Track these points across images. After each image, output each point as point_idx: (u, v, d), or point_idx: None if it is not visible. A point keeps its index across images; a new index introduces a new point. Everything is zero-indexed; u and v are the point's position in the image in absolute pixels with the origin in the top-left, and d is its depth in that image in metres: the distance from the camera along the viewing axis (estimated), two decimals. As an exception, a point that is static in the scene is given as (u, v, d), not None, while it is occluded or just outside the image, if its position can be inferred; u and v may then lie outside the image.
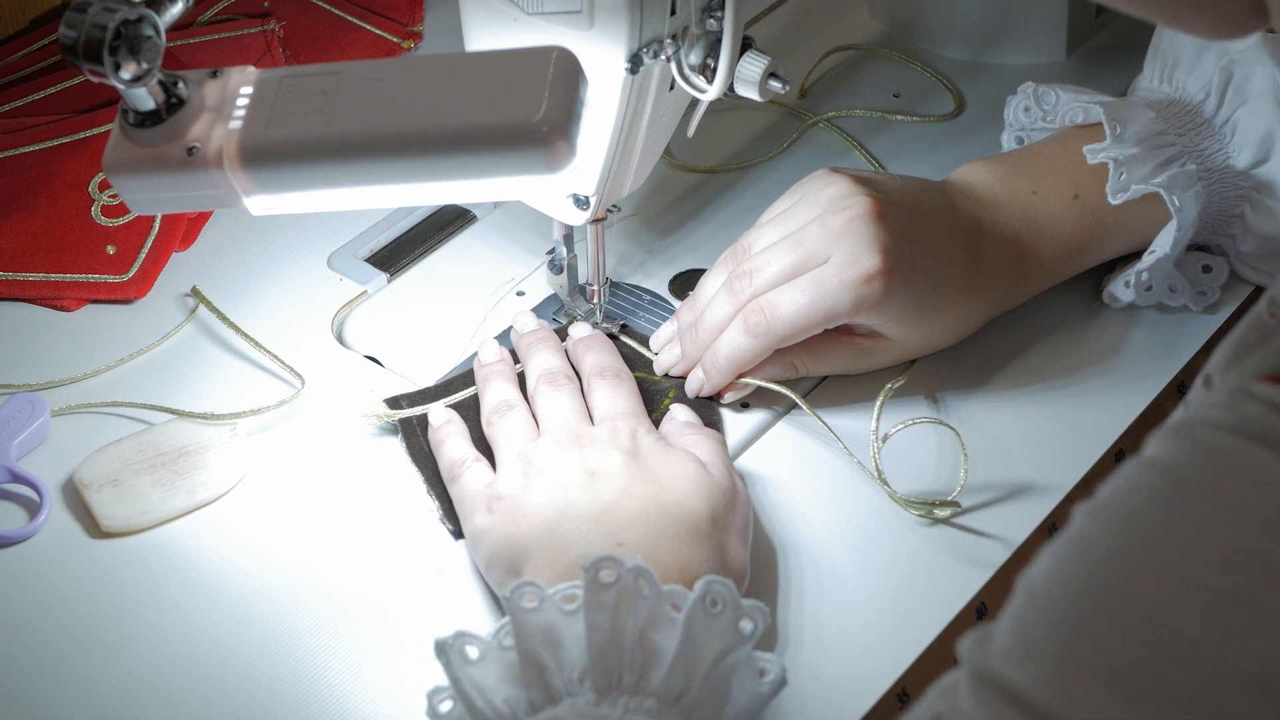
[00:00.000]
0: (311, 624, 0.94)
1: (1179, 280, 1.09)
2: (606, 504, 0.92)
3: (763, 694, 0.83)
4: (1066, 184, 1.08)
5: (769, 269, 1.02)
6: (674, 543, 0.90)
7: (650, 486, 0.93)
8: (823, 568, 0.97)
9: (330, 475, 1.02)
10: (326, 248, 1.17)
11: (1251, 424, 0.60)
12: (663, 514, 0.91)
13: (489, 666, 0.83)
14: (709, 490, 0.93)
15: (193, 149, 0.85)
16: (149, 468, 1.01)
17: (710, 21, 0.95)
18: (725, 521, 0.93)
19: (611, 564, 0.82)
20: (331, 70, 0.86)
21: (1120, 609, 0.59)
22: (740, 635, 0.82)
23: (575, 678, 0.82)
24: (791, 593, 0.95)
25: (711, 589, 0.82)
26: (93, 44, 0.81)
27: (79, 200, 1.16)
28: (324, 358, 1.09)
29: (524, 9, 0.95)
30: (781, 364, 1.04)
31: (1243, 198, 1.08)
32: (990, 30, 1.31)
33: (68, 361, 1.09)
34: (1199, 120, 1.09)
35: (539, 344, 1.05)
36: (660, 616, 0.83)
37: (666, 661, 0.81)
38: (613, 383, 1.01)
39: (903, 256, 1.01)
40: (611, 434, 0.96)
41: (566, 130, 0.81)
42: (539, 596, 0.83)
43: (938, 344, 1.06)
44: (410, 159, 0.83)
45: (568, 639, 0.82)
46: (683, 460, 0.95)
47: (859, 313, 1.01)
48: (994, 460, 1.02)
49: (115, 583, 0.97)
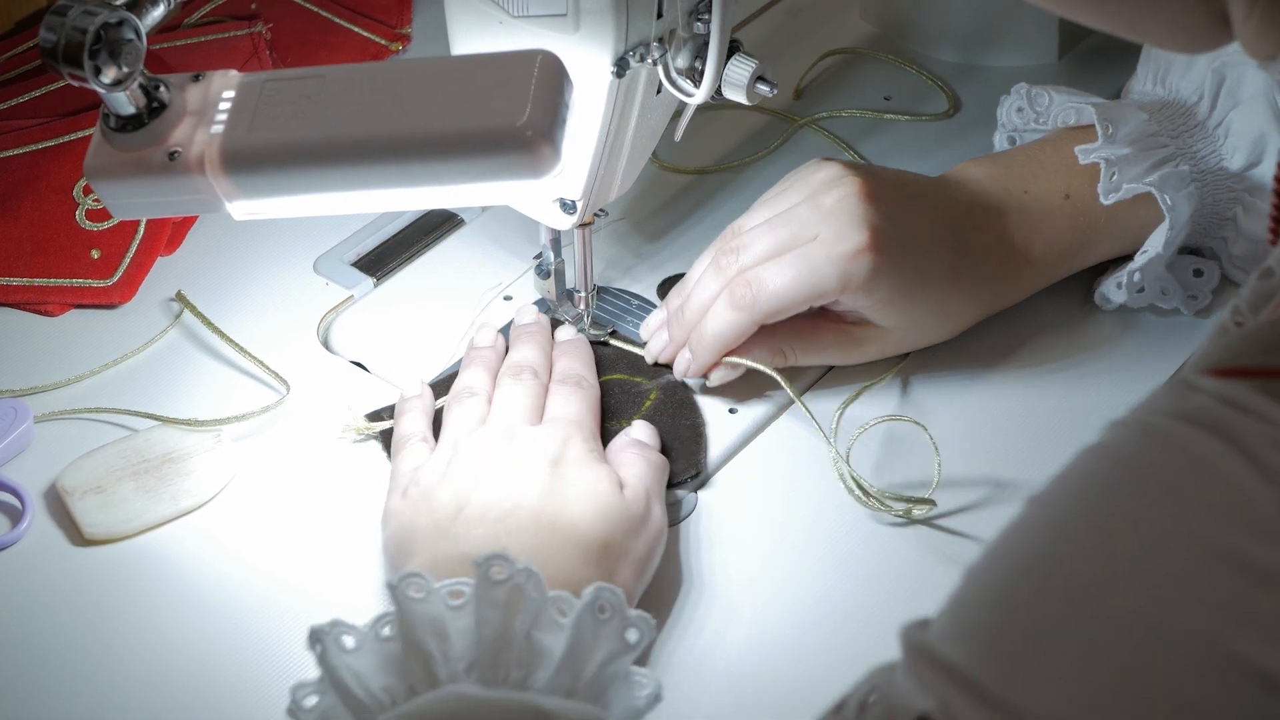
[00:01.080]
0: (296, 632, 0.93)
1: (1171, 283, 1.08)
2: (504, 510, 0.91)
3: (638, 708, 0.82)
4: (1058, 184, 1.07)
5: (756, 245, 1.02)
6: (559, 556, 0.90)
7: (553, 499, 0.92)
8: (805, 567, 0.96)
9: (315, 482, 1.02)
10: (313, 252, 1.16)
11: (1199, 414, 0.60)
12: (553, 530, 0.91)
13: (366, 656, 0.82)
14: (611, 515, 0.92)
15: (174, 154, 0.84)
16: (132, 474, 1.00)
17: (697, 24, 0.94)
18: (621, 549, 0.92)
19: (503, 562, 0.82)
20: (315, 74, 0.86)
21: (1058, 588, 0.59)
22: (626, 644, 0.82)
23: (461, 670, 0.81)
24: (773, 593, 0.95)
25: (601, 596, 0.82)
26: (72, 48, 0.81)
27: (63, 204, 1.16)
28: (310, 363, 1.09)
29: (509, 12, 0.94)
30: (770, 350, 1.04)
31: (1235, 200, 1.08)
32: (982, 32, 1.31)
33: (51, 367, 1.08)
34: (1192, 122, 1.08)
35: (527, 337, 1.05)
36: (547, 619, 0.82)
37: (554, 662, 0.81)
38: (570, 390, 1.01)
39: (890, 238, 1.01)
40: (545, 437, 0.96)
41: (551, 135, 0.80)
42: (425, 589, 0.82)
43: (926, 337, 1.06)
44: (394, 164, 0.83)
45: (453, 633, 0.82)
46: (600, 479, 0.94)
47: (846, 290, 1.01)
48: (983, 460, 1.01)
49: (98, 591, 0.96)
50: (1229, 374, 0.61)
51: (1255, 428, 0.59)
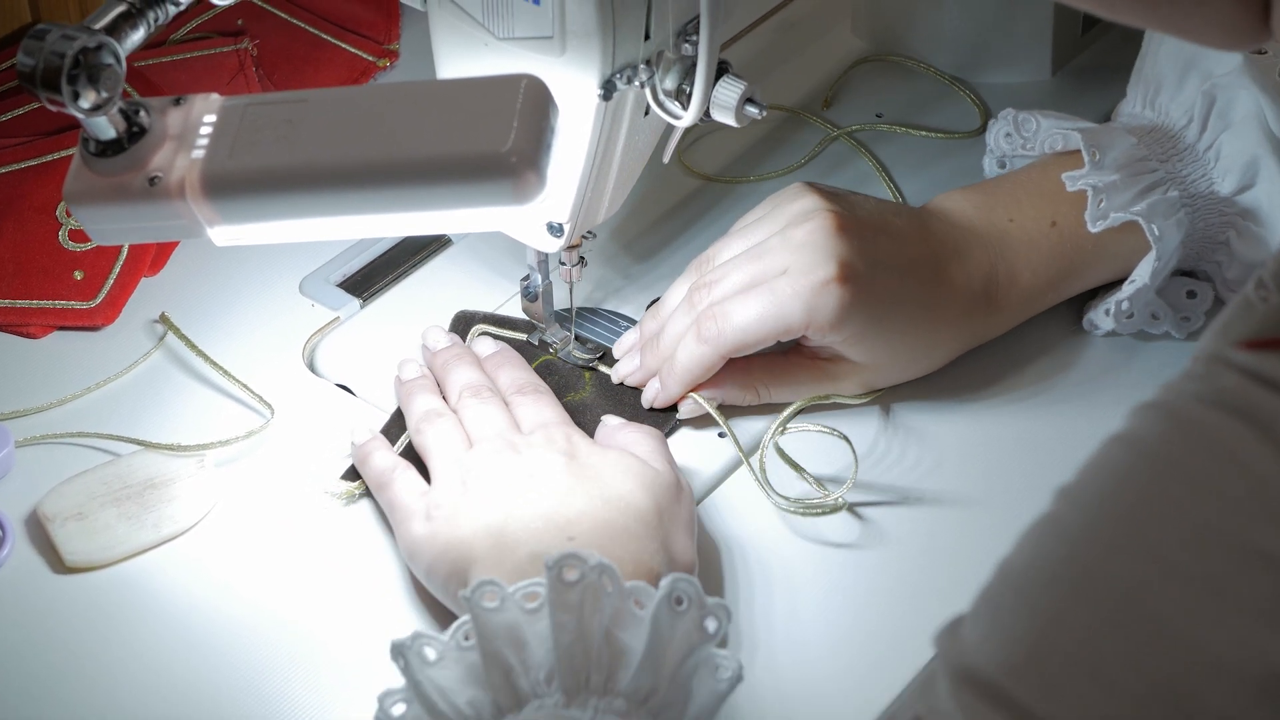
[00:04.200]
0: (279, 661, 0.93)
1: (1161, 307, 1.07)
2: (552, 502, 0.91)
3: (721, 691, 0.82)
4: (1044, 211, 1.06)
5: (727, 280, 1.02)
6: (624, 536, 0.89)
7: (594, 484, 0.92)
8: (802, 583, 0.96)
9: (300, 508, 1.01)
10: (298, 273, 1.15)
11: (1227, 395, 0.59)
12: (609, 508, 0.91)
13: (449, 668, 0.81)
14: (652, 484, 0.93)
15: (154, 179, 0.83)
16: (114, 500, 0.99)
17: (685, 46, 0.93)
18: (671, 515, 0.93)
19: (575, 561, 0.81)
20: (297, 98, 0.84)
21: (1094, 592, 0.59)
22: (705, 633, 0.81)
23: (542, 678, 0.80)
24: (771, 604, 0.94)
25: (677, 587, 0.81)
26: (50, 72, 0.79)
27: (46, 224, 1.14)
28: (295, 386, 1.08)
29: (495, 34, 0.93)
30: (743, 387, 1.03)
31: (1228, 224, 1.06)
32: (974, 49, 1.30)
33: (33, 390, 1.07)
34: (1181, 146, 1.07)
35: (455, 360, 1.04)
36: (625, 614, 0.82)
37: (634, 661, 0.80)
38: (534, 397, 1.01)
39: (860, 271, 1.00)
40: (547, 439, 0.96)
41: (536, 161, 0.79)
42: (499, 595, 0.81)
43: (905, 372, 1.05)
44: (376, 189, 0.82)
45: (531, 639, 0.81)
46: (622, 457, 0.95)
47: (813, 324, 1.00)
48: (974, 480, 1.01)
49: (79, 619, 0.95)
50: (1261, 346, 0.60)
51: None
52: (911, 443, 1.03)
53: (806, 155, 1.23)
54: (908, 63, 1.31)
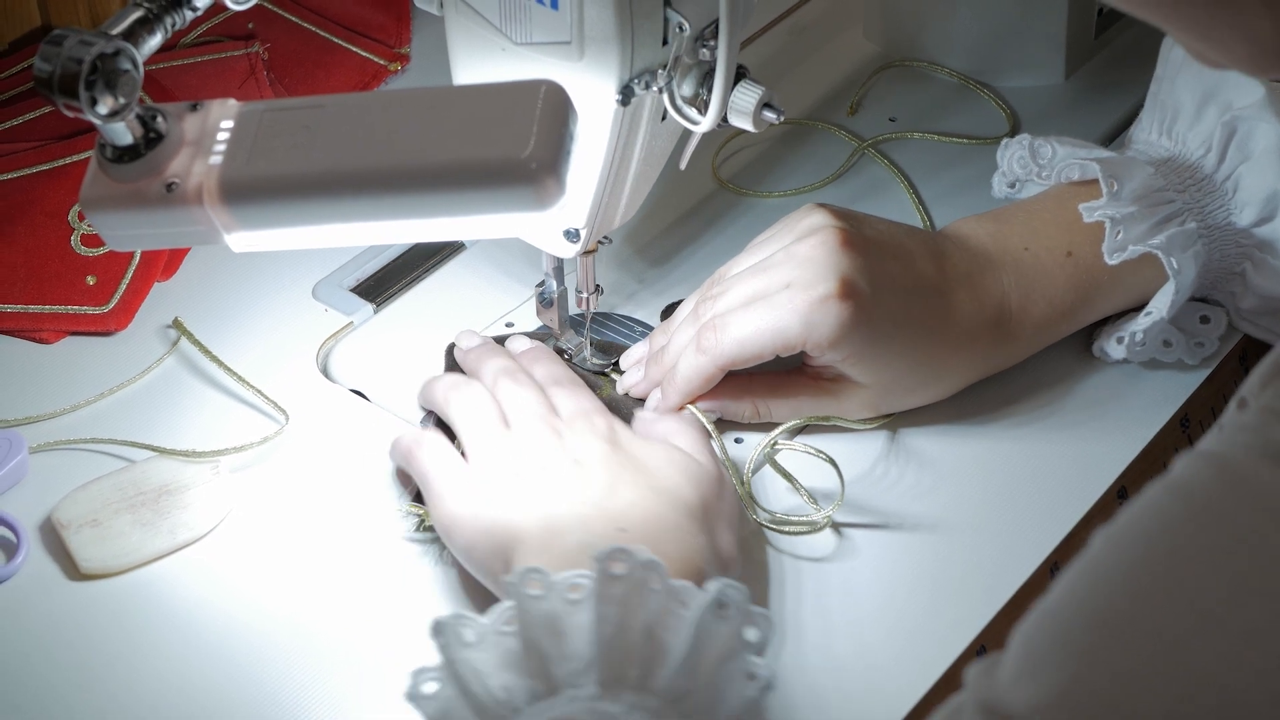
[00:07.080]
0: (296, 669, 0.92)
1: (1174, 334, 1.05)
2: (601, 490, 0.91)
3: (752, 698, 0.81)
4: (1060, 241, 1.05)
5: (731, 293, 1.02)
6: (674, 531, 0.89)
7: (640, 474, 0.92)
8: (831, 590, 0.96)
9: (315, 514, 1.00)
10: (311, 277, 1.14)
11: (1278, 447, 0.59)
12: (659, 501, 0.90)
13: (486, 651, 0.80)
14: (698, 477, 0.93)
15: (172, 185, 0.83)
16: (129, 507, 0.99)
17: (703, 52, 0.93)
18: (716, 510, 0.92)
19: (624, 556, 0.80)
20: (314, 104, 0.84)
21: (1130, 636, 0.58)
22: (745, 642, 0.81)
23: (579, 669, 0.80)
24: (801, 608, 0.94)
25: (724, 593, 0.80)
26: (68, 78, 0.79)
27: (58, 229, 1.14)
28: (309, 392, 1.07)
29: (512, 39, 0.93)
30: (744, 404, 1.03)
31: (1244, 255, 1.05)
32: (988, 53, 1.29)
33: (46, 396, 1.07)
34: (1199, 176, 1.05)
35: (489, 354, 1.04)
36: (669, 613, 0.81)
37: (673, 661, 0.80)
38: (571, 389, 1.00)
39: (862, 289, 0.99)
40: (589, 426, 0.95)
41: (555, 167, 0.79)
42: (544, 584, 0.81)
43: (911, 397, 1.03)
44: (394, 196, 0.81)
45: (571, 629, 0.80)
46: (666, 449, 0.94)
47: (811, 339, 0.99)
48: (981, 507, 1.00)
49: (94, 626, 0.95)
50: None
51: None
52: (911, 465, 1.02)
53: (835, 171, 1.22)
54: (925, 67, 1.31)
